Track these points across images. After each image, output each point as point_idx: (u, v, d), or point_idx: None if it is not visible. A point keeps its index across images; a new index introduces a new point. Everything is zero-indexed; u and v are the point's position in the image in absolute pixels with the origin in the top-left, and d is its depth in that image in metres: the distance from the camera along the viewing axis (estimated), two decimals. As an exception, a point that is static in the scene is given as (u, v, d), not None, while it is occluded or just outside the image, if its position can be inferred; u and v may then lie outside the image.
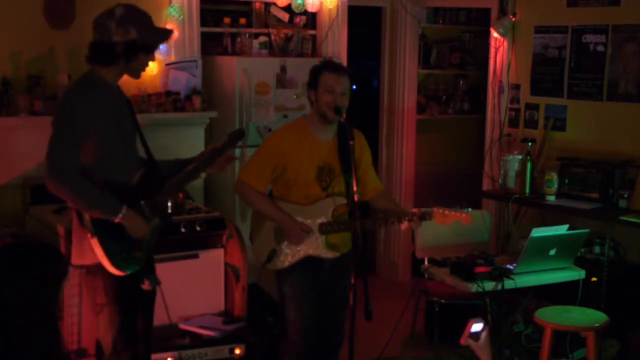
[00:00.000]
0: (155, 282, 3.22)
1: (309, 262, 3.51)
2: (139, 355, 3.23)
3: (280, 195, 3.55)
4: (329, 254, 3.50)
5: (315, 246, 3.49)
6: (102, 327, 3.16)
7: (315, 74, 3.50)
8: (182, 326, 4.17)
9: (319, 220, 3.48)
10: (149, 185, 3.15)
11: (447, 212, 3.35)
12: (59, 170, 2.90)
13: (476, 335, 2.85)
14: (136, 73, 3.14)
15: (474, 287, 3.87)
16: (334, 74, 3.46)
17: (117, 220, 2.97)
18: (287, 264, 3.51)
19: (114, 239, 3.00)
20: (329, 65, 3.51)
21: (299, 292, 3.53)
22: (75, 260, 3.12)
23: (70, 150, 2.92)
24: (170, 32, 3.26)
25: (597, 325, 3.83)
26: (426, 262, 4.37)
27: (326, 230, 3.47)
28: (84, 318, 3.93)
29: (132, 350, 3.17)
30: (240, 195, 3.67)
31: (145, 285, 3.15)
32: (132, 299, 3.14)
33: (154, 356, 3.88)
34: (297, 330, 3.53)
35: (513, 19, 5.59)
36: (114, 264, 3.00)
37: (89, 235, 2.99)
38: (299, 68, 5.16)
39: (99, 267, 3.02)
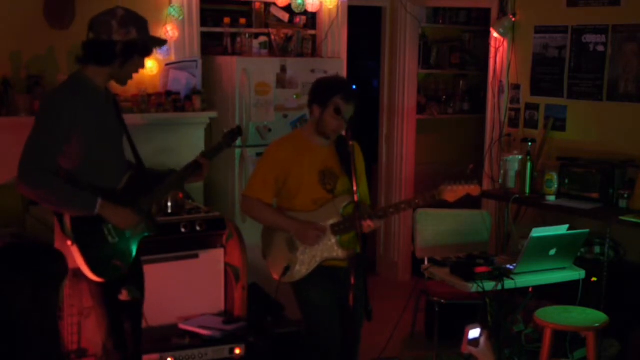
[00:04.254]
0: (135, 294, 3.15)
1: (326, 272, 3.49)
2: (128, 356, 3.22)
3: (287, 206, 3.54)
4: (344, 254, 3.47)
5: (330, 248, 3.47)
6: (90, 329, 3.16)
7: (326, 93, 3.44)
8: (182, 326, 4.17)
9: (330, 222, 3.47)
10: (136, 189, 3.14)
11: (455, 187, 3.31)
12: (28, 172, 2.88)
13: (475, 341, 2.84)
14: (125, 79, 3.13)
15: (474, 287, 3.87)
16: (347, 104, 3.42)
17: (96, 212, 2.95)
18: (304, 272, 3.49)
19: (93, 247, 3.00)
20: (343, 91, 3.44)
21: (321, 299, 3.50)
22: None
23: (43, 153, 2.89)
24: (164, 41, 3.28)
25: (597, 325, 3.83)
26: (426, 262, 4.37)
27: (338, 230, 3.46)
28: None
29: (121, 352, 3.18)
30: (246, 212, 3.64)
31: (123, 296, 3.09)
32: (118, 302, 3.12)
33: (154, 356, 3.90)
34: (326, 334, 3.50)
35: (513, 19, 5.59)
36: (94, 271, 3.00)
37: (69, 243, 2.98)
38: (299, 68, 5.16)
39: (82, 271, 3.03)
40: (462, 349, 2.88)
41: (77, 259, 2.99)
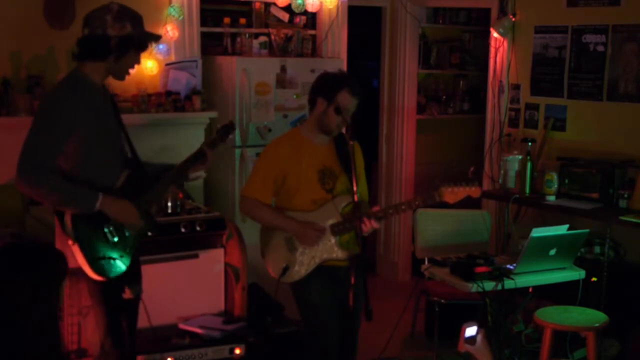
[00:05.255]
0: (137, 291, 3.18)
1: (325, 271, 3.47)
2: (126, 355, 3.23)
3: (286, 206, 3.51)
4: (344, 254, 3.44)
5: (329, 249, 3.45)
6: (89, 328, 3.16)
7: (333, 87, 3.41)
8: (182, 326, 4.17)
9: (329, 222, 3.45)
10: (134, 187, 3.14)
11: (455, 188, 3.29)
12: (27, 171, 2.88)
13: (472, 340, 2.85)
14: (122, 73, 3.13)
15: (474, 287, 3.87)
16: (354, 99, 3.41)
17: (97, 208, 2.96)
18: (303, 272, 3.46)
19: (94, 246, 3.00)
20: (351, 85, 3.42)
21: (321, 299, 3.48)
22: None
23: (43, 150, 2.90)
24: (159, 36, 3.28)
25: (597, 325, 3.83)
26: (426, 262, 4.37)
27: (338, 231, 3.43)
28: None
29: (120, 351, 3.18)
30: (245, 212, 3.61)
31: (126, 294, 3.12)
32: (117, 301, 3.13)
33: (153, 356, 3.90)
34: (325, 334, 3.48)
35: (513, 19, 5.59)
36: (95, 270, 3.01)
37: (70, 242, 2.99)
38: (299, 68, 5.16)
39: (82, 270, 3.03)
40: (459, 347, 2.88)
41: (78, 258, 2.99)
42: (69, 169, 2.98)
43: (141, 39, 3.11)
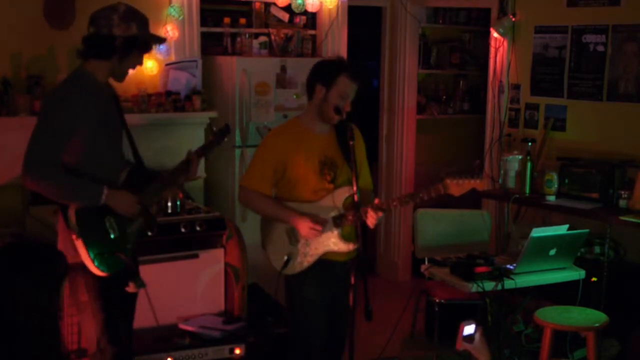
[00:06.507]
0: (140, 284, 3.19)
1: (324, 265, 3.44)
2: (123, 351, 3.23)
3: (286, 197, 3.46)
4: (346, 246, 3.40)
5: (332, 241, 3.39)
6: (85, 324, 3.18)
7: (332, 73, 3.33)
8: (182, 326, 4.17)
9: (331, 214, 3.39)
10: (134, 185, 3.16)
11: (461, 181, 3.21)
12: (34, 166, 2.91)
13: (470, 338, 2.84)
14: (122, 74, 3.15)
15: (474, 287, 3.87)
16: (354, 83, 3.34)
17: (102, 201, 2.99)
18: (305, 264, 3.41)
19: (98, 241, 3.02)
20: (349, 69, 3.35)
21: (316, 295, 3.44)
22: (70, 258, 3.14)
23: (49, 146, 2.93)
24: (164, 39, 3.31)
25: (597, 325, 3.83)
26: (426, 262, 4.37)
27: (340, 223, 3.37)
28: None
29: (116, 348, 3.18)
30: (244, 202, 3.56)
31: (130, 288, 3.14)
32: (114, 297, 3.15)
33: (153, 356, 3.90)
34: (309, 333, 3.46)
35: (513, 19, 5.59)
36: (97, 265, 3.02)
37: (74, 237, 3.01)
38: (299, 68, 5.15)
39: (81, 265, 3.05)
40: (457, 345, 2.88)
41: (81, 253, 3.01)
42: (72, 165, 3.00)
43: (145, 41, 3.13)
